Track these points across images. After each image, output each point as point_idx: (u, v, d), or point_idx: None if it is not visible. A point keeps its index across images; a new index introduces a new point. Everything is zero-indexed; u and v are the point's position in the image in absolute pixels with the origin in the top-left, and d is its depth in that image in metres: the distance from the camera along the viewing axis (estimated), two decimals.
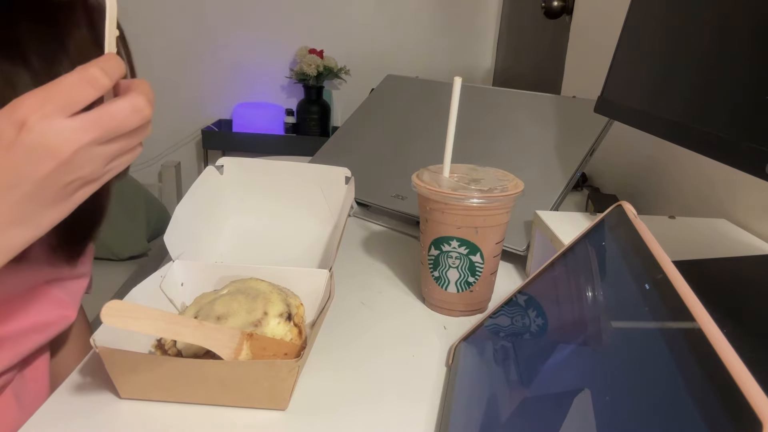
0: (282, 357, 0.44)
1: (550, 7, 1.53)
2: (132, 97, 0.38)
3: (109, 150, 0.38)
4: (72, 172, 0.37)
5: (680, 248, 0.59)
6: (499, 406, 0.36)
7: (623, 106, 0.59)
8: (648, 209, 0.94)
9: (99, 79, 0.37)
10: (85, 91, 0.36)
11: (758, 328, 0.42)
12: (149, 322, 0.38)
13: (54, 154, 0.36)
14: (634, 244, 0.33)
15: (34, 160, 0.35)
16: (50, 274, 0.55)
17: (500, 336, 0.44)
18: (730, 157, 0.42)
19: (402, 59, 2.51)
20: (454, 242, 0.56)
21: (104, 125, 0.37)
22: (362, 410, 0.44)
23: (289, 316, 0.47)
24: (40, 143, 0.35)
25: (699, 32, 0.49)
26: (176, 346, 0.44)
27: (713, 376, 0.22)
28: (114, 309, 0.36)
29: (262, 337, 0.44)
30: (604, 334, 0.31)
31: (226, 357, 0.41)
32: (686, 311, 0.25)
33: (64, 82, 0.36)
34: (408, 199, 0.82)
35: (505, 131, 0.85)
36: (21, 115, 0.35)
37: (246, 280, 0.50)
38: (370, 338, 0.54)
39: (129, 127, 0.38)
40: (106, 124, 0.37)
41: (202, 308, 0.47)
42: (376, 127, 0.99)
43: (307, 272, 0.55)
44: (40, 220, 0.38)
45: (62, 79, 0.36)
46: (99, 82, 0.37)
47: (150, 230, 1.82)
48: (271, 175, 0.68)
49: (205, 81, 2.53)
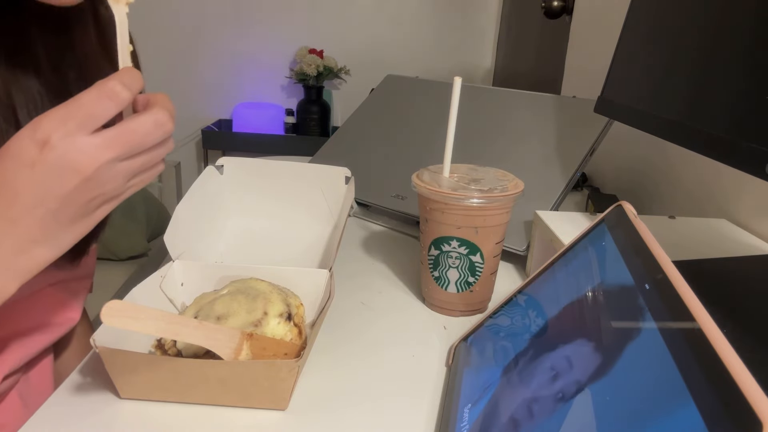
0: (282, 357, 0.44)
1: (550, 7, 1.53)
2: (154, 112, 0.38)
3: (131, 166, 0.38)
4: (94, 189, 0.37)
5: (680, 248, 0.59)
6: (499, 406, 0.36)
7: (623, 106, 0.59)
8: (648, 209, 0.94)
9: (119, 93, 0.36)
10: (105, 105, 0.36)
11: (758, 328, 0.42)
12: (149, 322, 0.38)
13: (77, 170, 0.36)
14: (634, 244, 0.33)
15: (57, 177, 0.35)
16: (54, 276, 0.55)
17: (500, 336, 0.44)
18: (730, 157, 0.42)
19: (402, 59, 2.51)
20: (454, 242, 0.56)
21: (126, 141, 0.37)
22: (362, 410, 0.44)
23: (289, 316, 0.46)
24: (63, 161, 0.35)
25: (699, 32, 0.49)
26: (176, 346, 0.44)
27: (713, 376, 0.22)
28: (114, 309, 0.36)
29: (262, 337, 0.44)
30: (604, 334, 0.31)
31: (226, 357, 0.41)
32: (686, 311, 0.25)
33: (83, 99, 0.36)
34: (408, 199, 0.82)
35: (505, 131, 0.85)
36: (44, 134, 0.35)
37: (246, 280, 0.50)
38: (370, 338, 0.54)
39: (151, 142, 0.38)
40: (129, 140, 0.37)
41: (202, 308, 0.47)
42: (376, 127, 0.99)
43: (307, 272, 0.55)
44: (62, 239, 0.38)
45: (82, 96, 0.36)
46: (119, 96, 0.36)
47: (150, 230, 1.81)
48: (271, 175, 0.68)
49: (205, 81, 2.53)
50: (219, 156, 0.81)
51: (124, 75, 0.37)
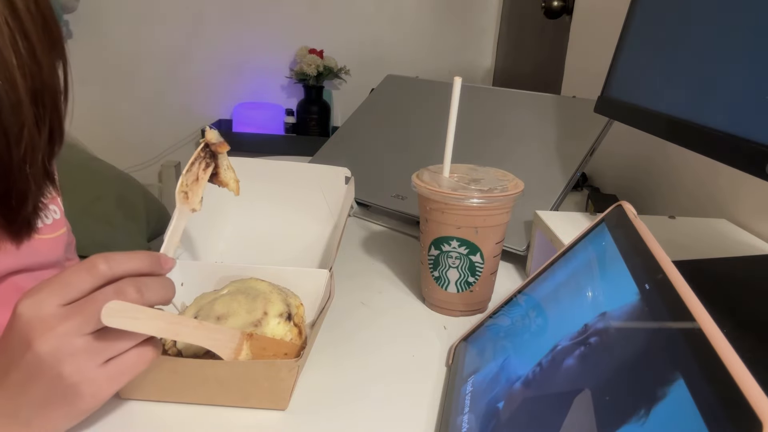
0: (282, 357, 0.44)
1: (550, 6, 1.53)
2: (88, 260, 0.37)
3: (96, 345, 0.35)
4: (48, 368, 0.35)
5: (680, 248, 0.59)
6: (499, 406, 0.36)
7: (623, 106, 0.59)
8: (648, 209, 0.94)
9: (97, 266, 0.36)
10: (81, 277, 0.36)
11: (758, 328, 0.42)
12: (150, 322, 0.38)
13: (27, 340, 0.35)
14: (634, 244, 0.33)
15: (15, 345, 0.35)
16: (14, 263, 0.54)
17: (500, 336, 0.44)
18: (730, 157, 0.42)
19: (402, 59, 2.51)
20: (454, 242, 0.56)
21: (83, 309, 0.35)
22: (362, 410, 0.44)
23: (289, 316, 0.46)
24: (21, 327, 0.35)
25: (699, 32, 0.49)
26: (176, 346, 0.44)
27: (713, 376, 0.21)
28: (114, 309, 0.36)
29: (261, 337, 0.44)
30: (604, 334, 0.31)
31: (226, 357, 0.41)
32: (686, 311, 0.25)
33: (66, 270, 0.36)
34: (408, 199, 0.82)
35: (505, 131, 0.85)
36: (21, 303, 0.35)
37: (246, 280, 0.50)
38: (370, 338, 0.54)
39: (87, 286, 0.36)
40: (85, 308, 0.35)
41: (202, 308, 0.47)
42: (376, 127, 0.99)
43: (307, 272, 0.54)
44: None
45: (67, 268, 0.37)
46: (97, 269, 0.36)
47: (150, 230, 1.81)
48: (271, 175, 0.68)
49: (205, 81, 2.53)
50: None
51: (131, 257, 0.38)
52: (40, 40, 0.50)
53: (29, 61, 0.50)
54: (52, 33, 0.51)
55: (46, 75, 0.52)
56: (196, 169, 0.48)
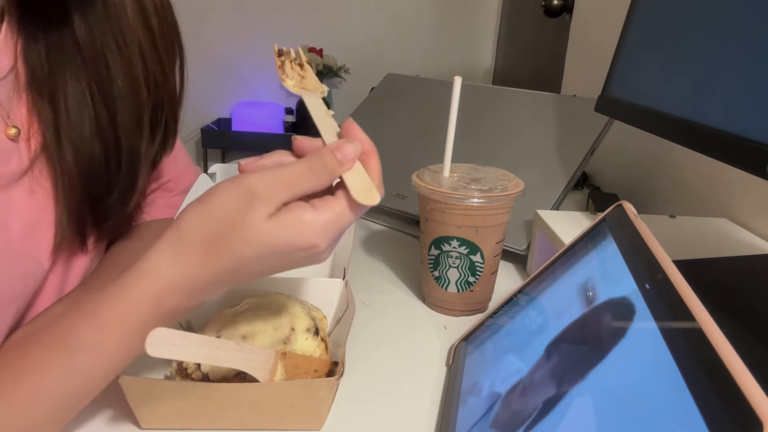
0: (312, 373, 0.42)
1: (550, 5, 1.53)
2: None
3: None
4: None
5: (681, 248, 0.59)
6: (499, 406, 0.36)
7: (624, 105, 0.59)
8: (648, 208, 0.94)
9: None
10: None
11: (758, 328, 0.42)
12: (193, 348, 0.36)
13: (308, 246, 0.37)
14: (635, 244, 0.33)
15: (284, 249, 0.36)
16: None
17: (501, 336, 0.44)
18: (730, 157, 0.41)
19: (402, 58, 2.51)
20: (454, 242, 0.56)
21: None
22: (362, 410, 0.44)
23: (317, 330, 0.45)
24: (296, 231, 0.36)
25: (700, 31, 0.49)
26: (200, 369, 0.41)
27: (713, 376, 0.21)
28: (159, 338, 0.33)
29: (294, 355, 0.42)
30: (605, 334, 0.31)
31: (262, 379, 0.40)
32: (686, 311, 0.25)
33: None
34: (408, 199, 0.82)
35: (505, 130, 0.85)
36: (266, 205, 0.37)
37: (263, 294, 0.48)
38: (370, 338, 0.54)
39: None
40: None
41: (224, 327, 0.44)
42: (376, 127, 0.98)
43: (320, 282, 0.52)
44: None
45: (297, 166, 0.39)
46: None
47: None
48: None
49: (204, 79, 2.53)
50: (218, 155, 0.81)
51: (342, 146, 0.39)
52: (167, 50, 0.51)
53: (156, 73, 0.50)
54: (176, 40, 0.52)
55: (170, 84, 0.53)
56: (288, 68, 0.46)
